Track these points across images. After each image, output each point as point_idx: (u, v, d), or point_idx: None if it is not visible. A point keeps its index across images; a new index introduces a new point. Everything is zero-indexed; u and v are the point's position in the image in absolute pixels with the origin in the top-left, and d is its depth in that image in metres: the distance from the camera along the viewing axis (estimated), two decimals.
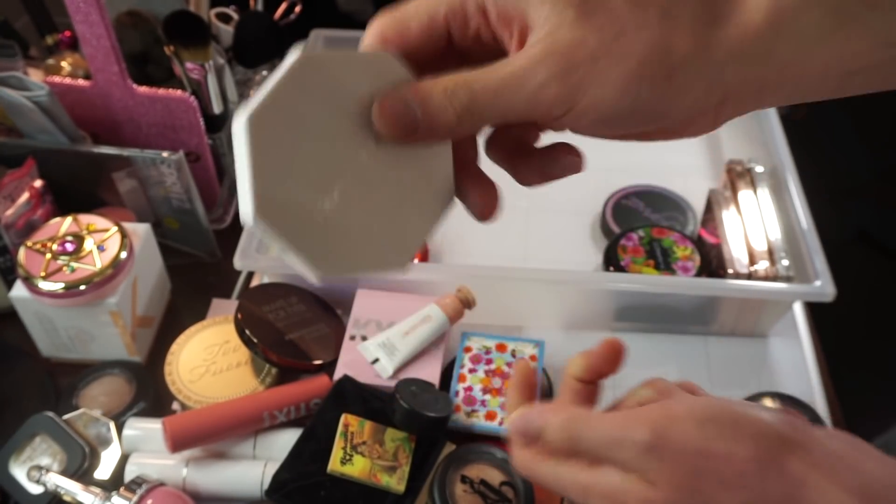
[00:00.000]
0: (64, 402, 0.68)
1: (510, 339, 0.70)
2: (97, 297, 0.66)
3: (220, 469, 0.62)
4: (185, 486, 0.61)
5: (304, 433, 0.62)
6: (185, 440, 0.61)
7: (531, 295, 0.74)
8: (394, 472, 0.59)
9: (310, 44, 0.93)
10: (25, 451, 0.63)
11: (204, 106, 0.79)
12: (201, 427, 0.62)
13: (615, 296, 0.73)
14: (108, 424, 0.64)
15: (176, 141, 0.79)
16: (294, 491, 0.59)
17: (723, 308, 0.73)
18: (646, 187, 0.86)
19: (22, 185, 0.72)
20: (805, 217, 0.73)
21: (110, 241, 0.68)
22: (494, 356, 0.69)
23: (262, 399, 0.64)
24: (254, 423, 0.63)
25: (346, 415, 0.61)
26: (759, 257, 0.72)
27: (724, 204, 0.77)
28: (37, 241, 0.67)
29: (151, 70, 0.82)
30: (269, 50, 0.87)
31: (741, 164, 0.80)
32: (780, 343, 0.75)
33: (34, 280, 0.65)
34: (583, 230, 0.85)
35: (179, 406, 0.67)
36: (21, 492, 0.61)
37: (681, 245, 0.77)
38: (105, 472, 0.62)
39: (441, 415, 0.62)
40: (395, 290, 0.73)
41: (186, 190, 0.76)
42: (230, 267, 0.71)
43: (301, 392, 0.65)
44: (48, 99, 0.73)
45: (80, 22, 0.71)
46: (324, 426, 0.61)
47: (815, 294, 0.67)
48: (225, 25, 0.85)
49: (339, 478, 0.59)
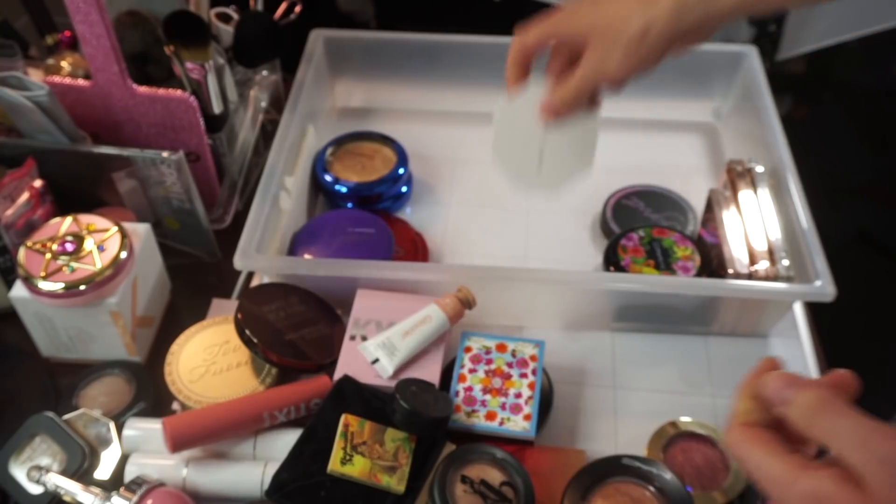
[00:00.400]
0: (64, 403, 0.68)
1: (510, 339, 0.70)
2: (97, 298, 0.66)
3: (220, 469, 0.62)
4: (185, 487, 0.61)
5: (305, 433, 0.62)
6: (185, 440, 0.61)
7: (531, 295, 0.74)
8: (394, 473, 0.59)
9: (310, 44, 0.93)
10: (25, 451, 0.63)
11: (204, 106, 0.79)
12: (201, 427, 0.62)
13: (615, 296, 0.73)
14: (108, 424, 0.64)
15: (176, 141, 0.79)
16: (294, 491, 0.59)
17: (723, 308, 0.73)
18: (646, 187, 0.86)
19: (22, 185, 0.72)
20: (805, 217, 0.73)
21: (110, 241, 0.68)
22: (494, 356, 0.69)
23: (263, 399, 0.64)
24: (254, 423, 0.63)
25: (346, 415, 0.61)
26: (760, 257, 0.72)
27: (725, 204, 0.77)
28: (37, 241, 0.67)
29: (151, 70, 0.82)
30: (269, 50, 0.87)
31: (741, 164, 0.80)
32: (780, 343, 0.75)
33: (34, 280, 0.65)
34: (583, 230, 0.85)
35: (179, 406, 0.67)
36: (21, 492, 0.61)
37: (681, 245, 0.77)
38: (105, 473, 0.62)
39: (441, 415, 0.62)
40: (395, 290, 0.73)
41: (186, 190, 0.76)
42: (230, 267, 0.71)
43: (301, 392, 0.65)
44: (48, 99, 0.73)
45: (80, 22, 0.71)
46: (324, 426, 0.61)
47: (815, 294, 0.67)
48: (225, 25, 0.85)
49: (339, 478, 0.59)
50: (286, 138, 0.81)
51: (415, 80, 0.97)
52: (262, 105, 0.88)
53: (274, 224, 0.76)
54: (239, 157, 0.85)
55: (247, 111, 0.86)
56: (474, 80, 0.94)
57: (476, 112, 0.98)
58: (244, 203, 0.86)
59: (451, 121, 0.98)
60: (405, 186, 0.88)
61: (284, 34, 0.86)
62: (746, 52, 0.91)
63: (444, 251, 0.83)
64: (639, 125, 0.96)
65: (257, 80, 0.89)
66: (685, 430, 0.66)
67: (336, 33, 0.95)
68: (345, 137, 0.90)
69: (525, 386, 0.67)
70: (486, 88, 0.97)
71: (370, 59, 0.96)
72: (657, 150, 0.95)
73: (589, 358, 0.73)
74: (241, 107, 0.86)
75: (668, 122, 0.97)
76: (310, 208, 0.87)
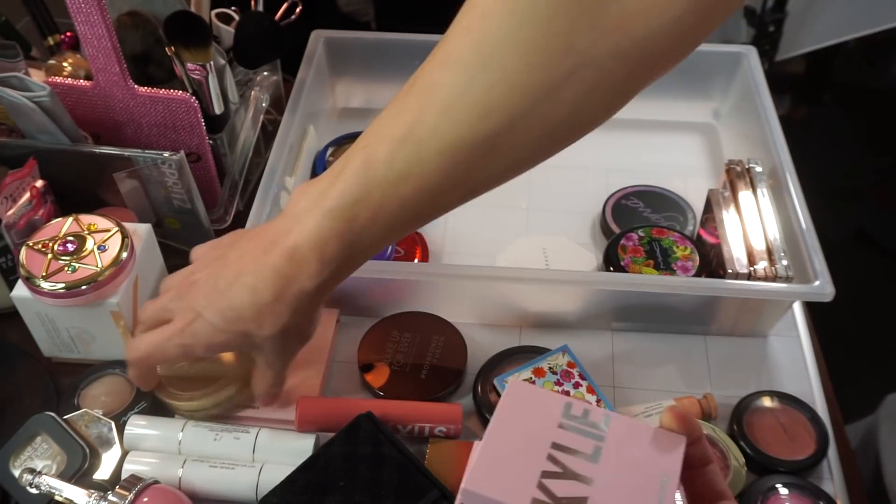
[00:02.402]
0: (65, 402, 0.68)
1: (537, 360, 0.69)
2: (98, 297, 0.66)
3: (216, 470, 0.62)
4: (181, 486, 0.62)
5: (306, 462, 0.61)
6: (310, 422, 0.64)
7: (531, 295, 0.74)
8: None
9: (311, 45, 0.93)
10: (26, 452, 0.63)
11: (205, 106, 0.79)
12: (325, 416, 0.64)
13: (615, 296, 0.73)
14: (109, 424, 0.64)
15: (177, 141, 0.79)
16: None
17: (722, 308, 0.73)
18: (646, 187, 0.87)
19: (23, 185, 0.73)
20: (804, 217, 0.73)
21: (111, 242, 0.68)
22: (540, 383, 0.67)
23: (393, 408, 0.65)
24: None
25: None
26: (759, 257, 0.72)
27: (724, 204, 0.77)
28: (38, 242, 0.68)
29: (152, 71, 0.82)
30: (269, 50, 0.87)
31: (741, 164, 0.80)
32: (779, 343, 0.75)
33: (35, 280, 0.65)
34: (583, 230, 0.86)
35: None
36: (21, 492, 0.61)
37: (680, 245, 0.77)
38: (106, 473, 0.62)
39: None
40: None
41: (187, 190, 0.76)
42: None
43: (431, 415, 0.65)
44: (49, 99, 0.73)
45: (82, 23, 0.71)
46: (326, 459, 0.60)
47: (814, 294, 0.67)
48: (226, 26, 0.85)
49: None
50: (287, 138, 0.81)
51: None
52: (263, 105, 0.88)
53: None
54: (240, 158, 0.85)
55: (247, 111, 0.87)
56: None
57: None
58: (245, 203, 0.86)
59: None
60: None
61: (285, 35, 0.86)
62: (745, 53, 0.92)
63: (444, 251, 0.83)
64: (638, 125, 0.96)
65: (258, 81, 0.89)
66: None
67: (336, 34, 0.95)
68: (345, 138, 0.91)
69: (585, 392, 0.66)
70: None
71: (370, 60, 0.96)
72: (656, 150, 0.95)
73: (589, 358, 0.73)
74: (242, 107, 0.86)
75: (667, 122, 0.97)
76: None
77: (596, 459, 0.36)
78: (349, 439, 0.61)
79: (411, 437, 0.65)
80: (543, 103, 0.45)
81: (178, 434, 0.64)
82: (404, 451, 0.60)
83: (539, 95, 0.45)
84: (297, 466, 0.60)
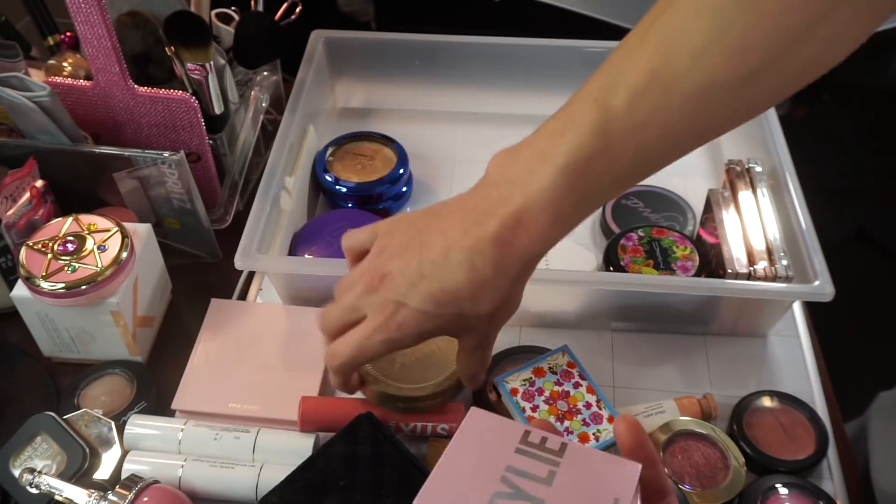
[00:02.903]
0: (65, 402, 0.68)
1: (536, 360, 0.69)
2: (98, 297, 0.66)
3: (216, 469, 0.62)
4: (181, 486, 0.62)
5: (306, 462, 0.61)
6: (313, 422, 0.64)
7: (531, 295, 0.74)
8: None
9: (311, 45, 0.93)
10: (26, 451, 0.63)
11: (205, 106, 0.79)
12: (328, 416, 0.64)
13: (615, 296, 0.73)
14: (109, 424, 0.64)
15: (177, 141, 0.79)
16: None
17: (722, 308, 0.73)
18: (645, 187, 0.87)
19: (23, 185, 0.73)
20: (804, 217, 0.73)
21: (111, 241, 0.68)
22: (540, 383, 0.67)
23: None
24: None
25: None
26: (759, 257, 0.72)
27: (724, 204, 0.77)
28: (38, 241, 0.68)
29: (152, 70, 0.82)
30: (269, 50, 0.87)
31: (740, 164, 0.80)
32: (779, 343, 0.75)
33: (35, 280, 0.65)
34: (583, 230, 0.86)
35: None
36: (21, 492, 0.61)
37: (680, 245, 0.77)
38: (106, 472, 0.63)
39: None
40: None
41: (187, 190, 0.76)
42: (231, 267, 0.71)
43: (430, 413, 0.65)
44: (49, 99, 0.73)
45: (82, 23, 0.71)
46: (326, 459, 0.60)
47: (814, 294, 0.67)
48: (225, 26, 0.85)
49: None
50: (287, 138, 0.81)
51: (415, 81, 0.97)
52: (263, 105, 0.88)
53: (274, 224, 0.76)
54: (239, 158, 0.85)
55: (247, 111, 0.87)
56: (474, 80, 0.94)
57: (476, 112, 0.98)
58: (245, 203, 0.86)
59: (451, 121, 0.98)
60: (405, 186, 0.89)
61: (285, 35, 0.86)
62: None
63: None
64: None
65: (258, 81, 0.89)
66: (684, 430, 0.66)
67: (336, 34, 0.95)
68: (345, 137, 0.91)
69: (585, 392, 0.67)
70: (486, 88, 0.98)
71: (370, 60, 0.96)
72: None
73: (589, 358, 0.73)
74: (242, 107, 0.86)
75: None
76: (310, 208, 0.87)
77: (549, 482, 0.36)
78: (349, 439, 0.61)
79: (411, 437, 0.65)
80: (798, 42, 0.45)
81: (178, 434, 0.64)
82: (404, 451, 0.60)
83: (796, 35, 0.45)
84: (297, 466, 0.60)
